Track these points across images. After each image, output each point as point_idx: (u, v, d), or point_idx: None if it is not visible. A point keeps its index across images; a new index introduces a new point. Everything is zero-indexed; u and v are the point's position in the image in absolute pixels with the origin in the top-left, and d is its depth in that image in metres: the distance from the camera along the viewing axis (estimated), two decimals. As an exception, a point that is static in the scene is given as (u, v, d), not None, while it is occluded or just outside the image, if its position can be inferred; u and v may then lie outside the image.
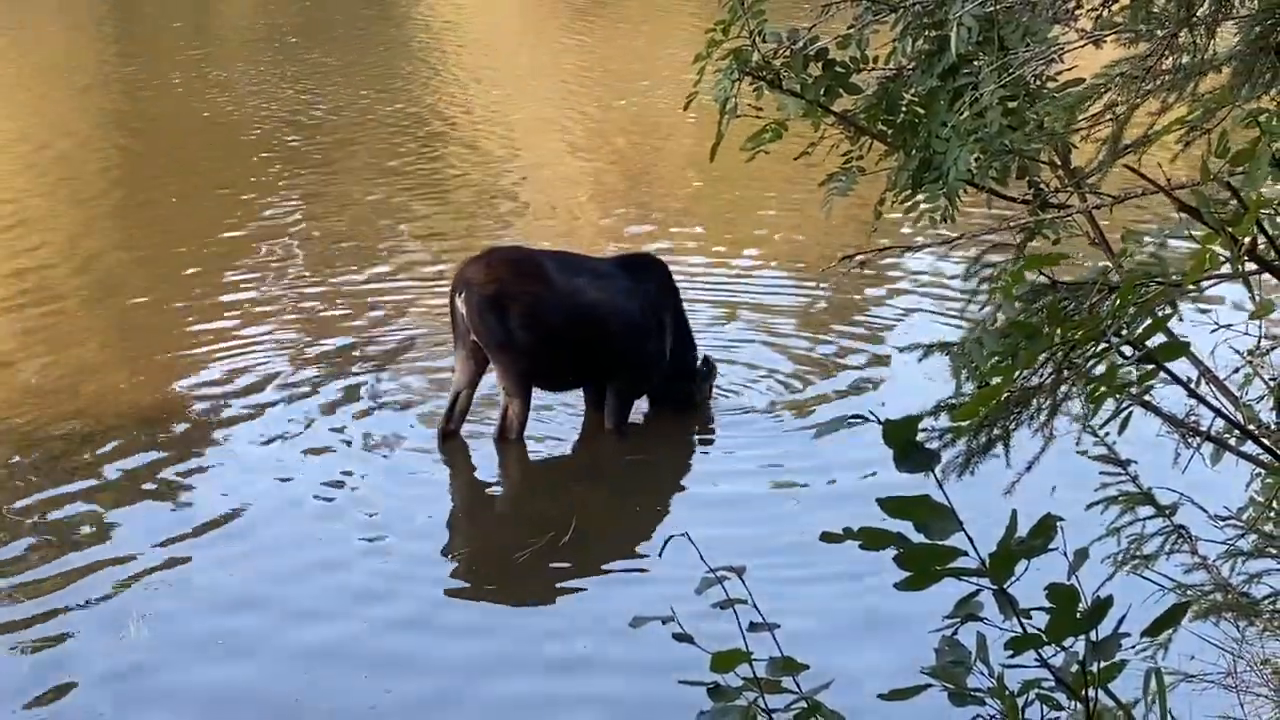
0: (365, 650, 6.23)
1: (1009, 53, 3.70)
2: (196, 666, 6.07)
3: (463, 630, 6.47)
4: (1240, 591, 3.87)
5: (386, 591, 6.74)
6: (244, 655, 6.18)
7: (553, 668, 6.14)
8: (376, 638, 6.34)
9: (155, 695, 5.88)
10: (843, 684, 2.77)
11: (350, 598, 6.68)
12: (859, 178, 4.16)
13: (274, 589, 6.73)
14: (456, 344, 8.48)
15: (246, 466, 8.05)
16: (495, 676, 6.06)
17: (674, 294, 8.94)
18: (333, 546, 7.15)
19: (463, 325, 8.29)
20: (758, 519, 7.47)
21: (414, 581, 6.86)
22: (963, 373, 2.74)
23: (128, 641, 6.19)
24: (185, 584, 6.72)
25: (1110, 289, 2.48)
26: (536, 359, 8.24)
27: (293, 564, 6.97)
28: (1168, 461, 3.94)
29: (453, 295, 8.34)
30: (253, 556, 7.01)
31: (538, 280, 8.29)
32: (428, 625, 6.49)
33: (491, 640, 6.37)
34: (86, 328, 10.44)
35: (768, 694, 2.49)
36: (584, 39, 27.09)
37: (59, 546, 7.03)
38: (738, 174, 13.99)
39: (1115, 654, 2.31)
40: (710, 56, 4.16)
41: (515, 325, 8.13)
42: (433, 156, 16.82)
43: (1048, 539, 2.20)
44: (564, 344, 8.31)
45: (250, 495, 7.65)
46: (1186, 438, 3.83)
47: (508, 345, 8.16)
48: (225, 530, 7.26)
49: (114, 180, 15.59)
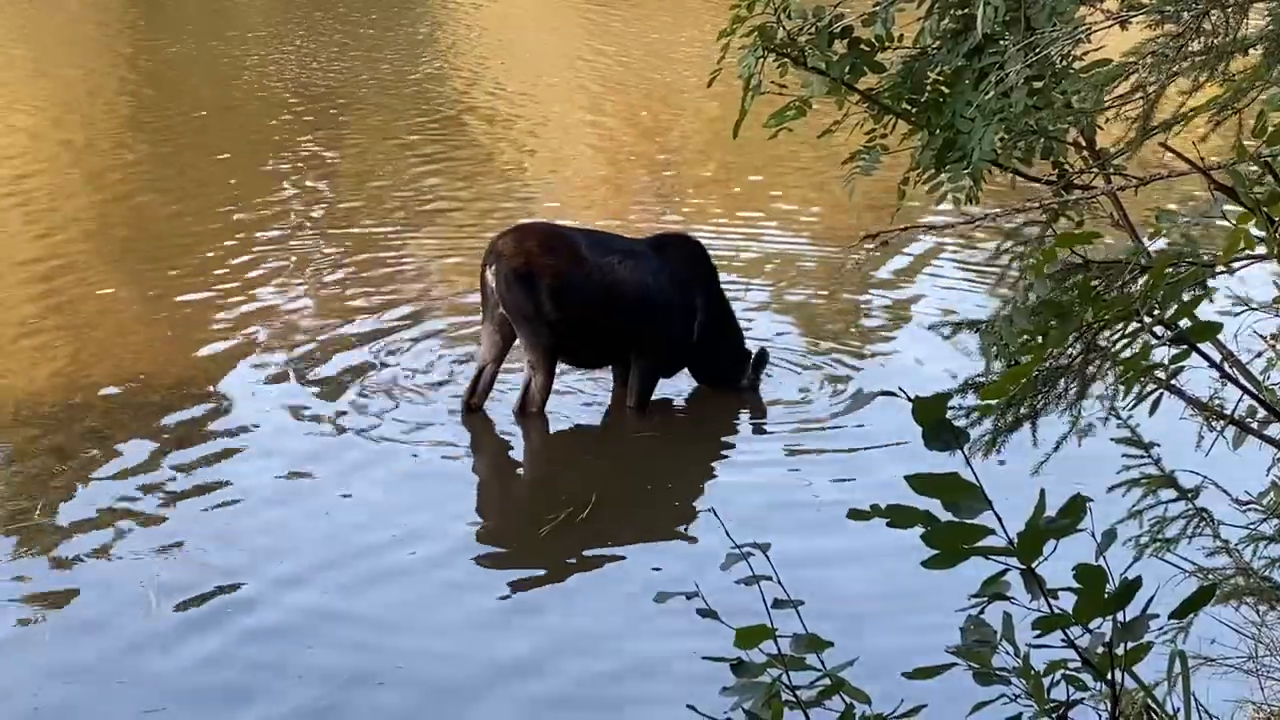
0: (370, 624, 6.23)
1: (1035, 32, 3.68)
2: (215, 640, 6.06)
3: (476, 606, 6.46)
4: (1262, 576, 3.86)
5: (399, 569, 6.73)
6: (256, 631, 6.18)
7: (568, 645, 6.13)
8: (388, 611, 6.33)
9: (174, 671, 5.88)
10: (867, 662, 2.77)
11: (366, 573, 6.66)
12: (882, 156, 4.15)
13: (291, 562, 6.72)
14: (484, 317, 8.54)
15: (259, 441, 8.03)
16: (512, 654, 6.06)
17: (709, 275, 8.94)
18: (350, 521, 7.13)
19: (492, 298, 8.36)
20: (782, 496, 7.45)
21: (429, 556, 6.85)
22: (992, 350, 2.73)
23: (150, 617, 6.19)
24: (205, 555, 6.71)
25: (1142, 269, 2.47)
26: (562, 333, 8.29)
27: (310, 538, 6.96)
28: (1190, 445, 3.94)
29: (483, 268, 8.42)
30: (267, 533, 7.00)
31: (567, 255, 8.34)
32: (441, 599, 6.48)
33: (507, 616, 6.37)
34: (101, 305, 10.44)
35: (792, 671, 2.49)
36: (604, 19, 27.04)
37: (73, 525, 7.03)
38: (759, 151, 14.00)
39: (1143, 635, 2.30)
40: (735, 33, 4.14)
41: (543, 298, 8.20)
42: (453, 133, 16.83)
43: (1077, 518, 2.18)
44: (591, 319, 8.36)
45: (265, 471, 7.65)
46: (1210, 421, 3.82)
47: (534, 318, 8.22)
48: (237, 508, 7.24)
49: (128, 159, 15.56)
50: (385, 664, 5.92)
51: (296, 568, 6.67)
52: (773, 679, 2.48)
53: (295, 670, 5.88)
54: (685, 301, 8.73)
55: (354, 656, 5.99)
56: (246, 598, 6.39)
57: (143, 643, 6.01)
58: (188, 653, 5.95)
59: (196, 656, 5.92)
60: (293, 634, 6.16)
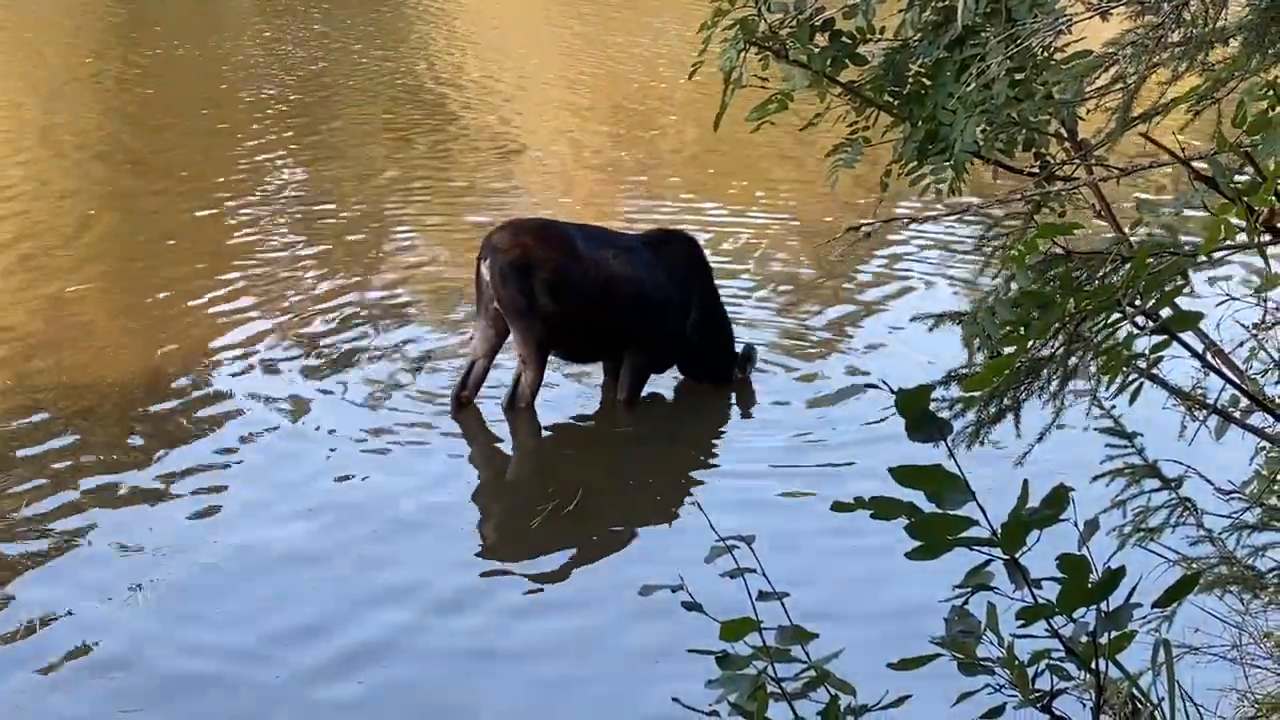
0: (357, 618, 6.22)
1: (1016, 24, 3.68)
2: (201, 633, 6.06)
3: (462, 600, 6.46)
4: (1245, 565, 3.87)
5: (387, 558, 6.73)
6: (241, 621, 6.17)
7: (556, 637, 6.14)
8: (376, 608, 6.33)
9: (163, 662, 5.87)
10: (852, 653, 2.77)
11: (354, 563, 6.65)
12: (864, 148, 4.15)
13: (279, 558, 6.71)
14: (478, 311, 8.55)
15: (249, 436, 8.02)
16: (497, 646, 6.06)
17: (703, 272, 8.97)
18: (337, 516, 7.13)
19: (486, 292, 8.37)
20: (767, 489, 7.49)
21: (415, 549, 6.85)
22: (974, 342, 2.73)
23: (134, 609, 6.18)
24: (189, 552, 6.69)
25: (1123, 259, 2.48)
26: (556, 328, 8.31)
27: (298, 534, 6.95)
28: (1173, 434, 3.95)
29: (478, 262, 8.43)
30: (257, 528, 6.99)
31: (562, 249, 8.36)
32: (425, 594, 6.48)
33: (495, 610, 6.37)
34: (84, 298, 10.41)
35: (777, 663, 2.49)
36: (585, 11, 27.03)
37: (59, 517, 7.02)
38: (741, 143, 14.00)
39: (1127, 624, 2.31)
40: (716, 26, 4.15)
41: (537, 292, 8.22)
42: (437, 128, 16.82)
43: (1060, 509, 2.19)
44: (584, 314, 8.38)
45: (245, 465, 7.64)
46: (1192, 411, 3.83)
47: (528, 312, 8.23)
48: (225, 502, 7.24)
49: (113, 145, 15.55)
50: (372, 653, 5.92)
51: (278, 565, 6.66)
52: (758, 671, 2.48)
53: (278, 663, 5.87)
54: (680, 298, 8.76)
55: (341, 643, 5.99)
56: (230, 596, 6.38)
57: (125, 641, 6.00)
58: (172, 651, 5.94)
59: (181, 654, 5.92)
60: (277, 626, 6.15)
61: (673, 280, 8.72)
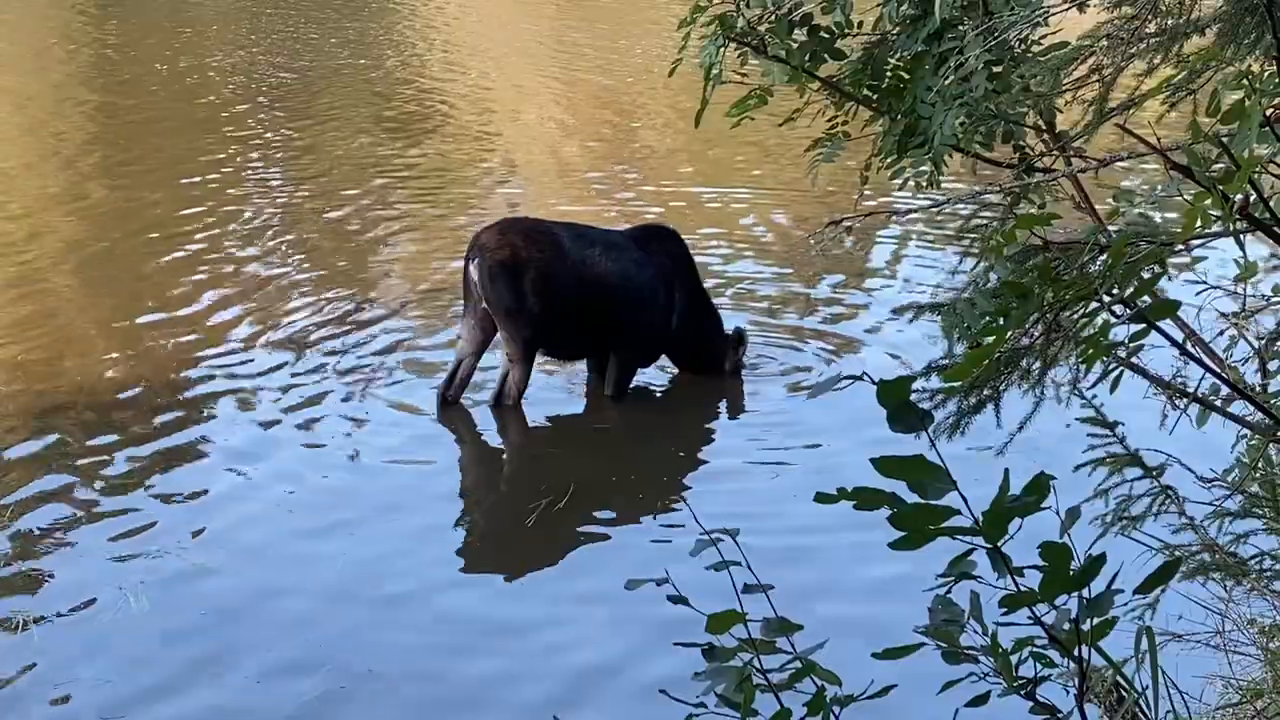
0: (347, 616, 6.23)
1: (994, 17, 3.71)
2: (195, 638, 6.05)
3: (454, 599, 6.47)
4: (1227, 551, 3.89)
5: (377, 556, 6.73)
6: (235, 622, 6.17)
7: (546, 636, 6.14)
8: (368, 606, 6.33)
9: (159, 666, 5.86)
10: (837, 644, 2.79)
11: (346, 563, 6.66)
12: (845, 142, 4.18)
13: (273, 559, 6.71)
14: (466, 311, 8.56)
15: (238, 436, 8.01)
16: (491, 646, 6.07)
17: (688, 267, 9.01)
18: (326, 515, 7.13)
19: (474, 292, 8.39)
20: (752, 482, 7.53)
21: (406, 547, 6.85)
22: (954, 333, 2.75)
23: (125, 610, 6.17)
24: (177, 552, 6.69)
25: (1101, 249, 2.50)
26: (544, 326, 8.34)
27: (290, 534, 6.95)
28: (1155, 423, 3.97)
29: (466, 261, 8.45)
30: (244, 528, 6.99)
31: (550, 248, 8.38)
32: (417, 591, 6.48)
33: (488, 608, 6.38)
34: (71, 296, 10.39)
35: (763, 654, 2.51)
36: (568, 10, 27.02)
37: (54, 518, 7.01)
38: (721, 137, 14.03)
39: (1108, 611, 2.32)
40: (695, 22, 4.16)
41: (526, 291, 8.24)
42: (420, 126, 16.81)
43: (1041, 497, 2.21)
44: (573, 312, 8.41)
45: (242, 465, 7.63)
46: (1174, 399, 3.85)
47: (516, 311, 8.26)
48: (217, 503, 7.23)
49: (92, 144, 15.51)
50: (361, 650, 5.93)
51: (272, 567, 6.66)
52: (744, 663, 2.50)
53: (267, 661, 5.87)
54: (665, 293, 8.79)
55: (335, 649, 5.99)
56: (226, 598, 6.37)
57: (116, 642, 5.99)
58: (161, 649, 5.94)
59: (170, 652, 5.92)
60: (269, 628, 6.15)
61: (658, 275, 8.75)
